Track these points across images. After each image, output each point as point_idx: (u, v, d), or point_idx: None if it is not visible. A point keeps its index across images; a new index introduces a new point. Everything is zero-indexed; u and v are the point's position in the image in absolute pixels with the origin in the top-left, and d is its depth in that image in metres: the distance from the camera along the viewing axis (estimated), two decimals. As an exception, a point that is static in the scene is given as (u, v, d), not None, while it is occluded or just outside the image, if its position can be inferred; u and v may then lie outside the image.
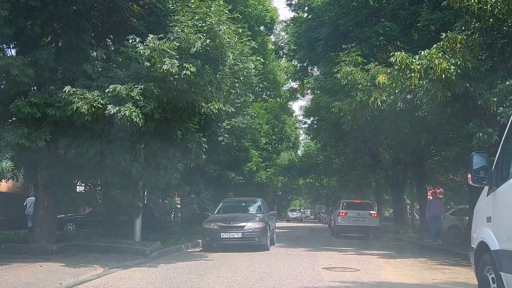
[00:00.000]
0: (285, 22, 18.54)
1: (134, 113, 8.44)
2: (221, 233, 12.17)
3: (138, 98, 8.63)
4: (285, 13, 61.62)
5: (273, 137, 32.97)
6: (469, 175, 4.85)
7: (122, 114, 8.36)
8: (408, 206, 35.16)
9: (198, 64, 9.13)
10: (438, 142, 22.60)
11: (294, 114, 37.86)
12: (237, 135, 15.96)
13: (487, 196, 4.96)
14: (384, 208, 44.14)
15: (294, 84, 32.81)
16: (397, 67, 10.50)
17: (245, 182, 23.45)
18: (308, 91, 30.99)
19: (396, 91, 10.47)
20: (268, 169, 30.08)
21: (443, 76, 9.68)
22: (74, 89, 8.43)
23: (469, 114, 11.54)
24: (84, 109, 8.23)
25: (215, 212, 14.20)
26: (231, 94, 11.85)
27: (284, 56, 17.65)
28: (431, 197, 15.68)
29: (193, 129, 12.82)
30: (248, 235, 12.09)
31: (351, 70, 11.65)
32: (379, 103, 11.21)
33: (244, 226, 12.22)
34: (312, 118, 30.32)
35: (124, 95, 8.54)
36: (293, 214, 54.86)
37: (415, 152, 21.83)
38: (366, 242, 17.42)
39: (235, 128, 15.30)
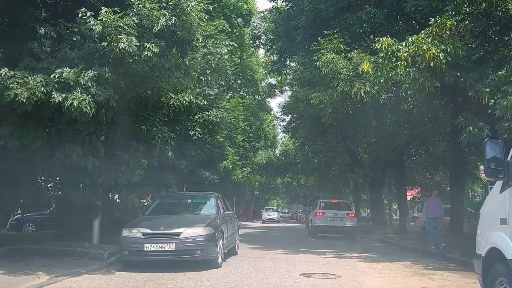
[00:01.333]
0: (263, 12, 17.55)
1: (83, 102, 7.29)
2: (145, 244, 8.14)
3: (90, 85, 7.48)
4: (263, 4, 60.46)
5: (251, 134, 32.03)
6: (482, 167, 3.94)
7: (70, 103, 7.22)
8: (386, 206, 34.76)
9: (162, 45, 8.05)
10: (419, 140, 22.14)
11: (272, 112, 36.95)
12: (210, 130, 14.85)
13: (500, 192, 4.07)
14: (361, 208, 43.79)
15: (272, 80, 31.92)
16: (382, 54, 9.67)
17: (221, 181, 22.41)
18: (286, 87, 30.16)
19: (381, 80, 9.63)
20: (244, 168, 29.13)
21: (432, 64, 8.87)
22: (12, 72, 7.21)
23: (457, 108, 10.83)
24: (23, 96, 7.03)
25: (146, 212, 10.21)
26: (202, 82, 10.80)
27: (261, 46, 16.67)
28: (432, 197, 14.04)
29: (160, 122, 11.72)
30: (186, 247, 8.19)
31: (333, 57, 10.73)
32: (362, 93, 10.35)
33: (180, 233, 8.25)
34: (290, 116, 29.52)
35: (72, 82, 7.39)
36: (269, 215, 45.34)
37: (395, 150, 21.21)
38: (345, 243, 16.61)
39: (208, 122, 14.21)
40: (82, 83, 7.40)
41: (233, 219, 11.23)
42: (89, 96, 7.43)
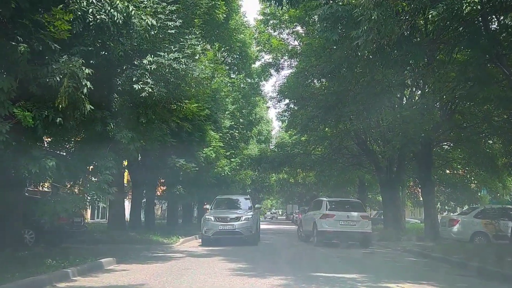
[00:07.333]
0: None
1: None
2: None
3: None
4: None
5: (241, 120, 26.98)
6: None
7: None
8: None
9: None
10: (452, 123, 17.38)
11: (267, 94, 31.93)
12: (172, 86, 9.53)
13: None
14: (368, 209, 38.81)
15: (267, 56, 26.89)
16: None
17: (201, 172, 17.46)
18: (285, 60, 25.18)
19: None
20: (233, 159, 24.07)
21: None
22: None
23: None
24: None
25: None
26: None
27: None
28: None
29: (58, 48, 6.49)
30: None
31: None
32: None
33: None
34: (288, 101, 24.50)
35: None
36: (222, 224, 14.12)
37: (421, 135, 16.38)
38: (369, 257, 11.61)
39: (165, 70, 8.90)
40: None
41: None
42: None
